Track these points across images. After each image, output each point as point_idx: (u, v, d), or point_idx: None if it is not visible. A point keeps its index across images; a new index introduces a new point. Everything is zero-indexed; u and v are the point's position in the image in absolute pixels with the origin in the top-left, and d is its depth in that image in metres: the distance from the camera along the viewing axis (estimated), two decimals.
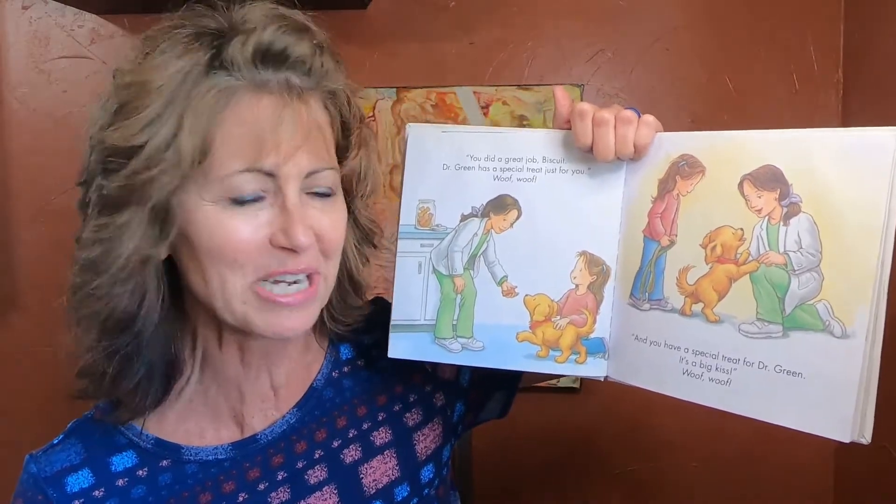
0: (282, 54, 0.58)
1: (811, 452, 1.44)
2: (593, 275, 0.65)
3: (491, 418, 0.83)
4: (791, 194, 0.56)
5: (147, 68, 0.57)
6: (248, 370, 0.68)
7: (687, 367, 0.60)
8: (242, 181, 0.57)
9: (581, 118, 0.62)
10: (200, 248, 0.58)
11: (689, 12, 1.43)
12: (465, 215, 0.68)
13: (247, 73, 0.57)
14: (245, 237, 0.57)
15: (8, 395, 1.58)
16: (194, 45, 0.57)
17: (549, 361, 0.66)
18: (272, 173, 0.57)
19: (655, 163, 0.63)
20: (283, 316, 0.61)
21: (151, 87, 0.55)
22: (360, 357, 0.76)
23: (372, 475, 0.71)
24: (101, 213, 0.58)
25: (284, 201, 0.58)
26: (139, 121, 0.55)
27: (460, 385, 0.79)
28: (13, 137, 1.56)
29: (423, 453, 0.74)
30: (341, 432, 0.71)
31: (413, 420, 0.75)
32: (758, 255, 0.58)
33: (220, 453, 0.68)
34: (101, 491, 0.65)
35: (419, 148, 0.69)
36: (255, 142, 0.56)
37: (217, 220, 0.57)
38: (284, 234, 0.58)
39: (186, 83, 0.55)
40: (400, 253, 0.69)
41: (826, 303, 0.54)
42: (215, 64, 0.57)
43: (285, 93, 0.58)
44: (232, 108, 0.56)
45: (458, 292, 0.68)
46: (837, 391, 0.54)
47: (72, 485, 0.65)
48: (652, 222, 0.63)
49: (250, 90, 0.57)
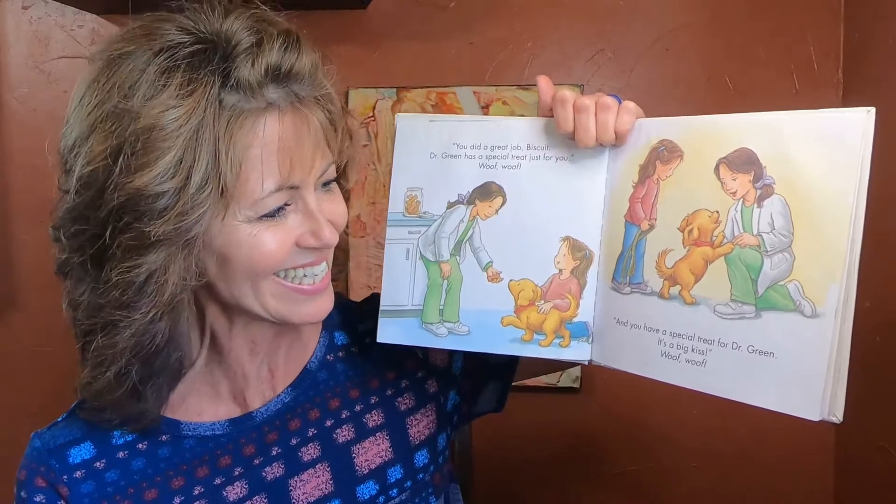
0: (290, 72, 0.59)
1: (811, 452, 1.43)
2: (576, 260, 0.66)
3: (488, 411, 0.84)
4: (765, 176, 0.57)
5: (155, 104, 0.55)
6: (255, 357, 0.70)
7: (665, 349, 0.61)
8: (274, 199, 0.59)
9: (562, 105, 0.64)
10: (236, 264, 0.60)
11: (689, 12, 1.43)
12: (451, 202, 0.69)
13: (259, 95, 0.58)
14: (277, 247, 0.60)
15: (8, 394, 1.59)
16: (198, 73, 0.56)
17: (533, 345, 0.67)
18: (297, 185, 0.60)
19: (636, 148, 0.64)
20: (313, 303, 0.65)
21: (167, 125, 0.55)
22: (355, 344, 0.78)
23: (364, 455, 0.73)
24: (129, 255, 0.57)
25: (306, 205, 0.61)
26: (167, 162, 0.55)
27: (452, 373, 0.81)
28: (13, 137, 1.57)
29: (417, 438, 0.76)
30: (334, 413, 0.73)
31: (405, 405, 0.77)
32: (732, 237, 0.58)
33: (217, 429, 0.70)
34: (103, 462, 0.67)
35: (408, 137, 0.71)
36: (282, 161, 0.58)
37: (251, 236, 0.59)
38: (313, 235, 0.62)
39: (208, 115, 0.55)
40: (388, 240, 0.71)
41: (797, 283, 0.55)
42: (227, 87, 0.57)
43: (293, 104, 0.60)
44: (253, 130, 0.58)
45: (445, 278, 0.69)
46: (807, 370, 0.54)
47: (74, 456, 0.67)
48: (633, 207, 0.64)
49: (264, 110, 0.58)
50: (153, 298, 0.58)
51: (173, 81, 0.55)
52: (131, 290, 0.58)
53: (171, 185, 0.55)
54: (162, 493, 0.67)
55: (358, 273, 1.55)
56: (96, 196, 0.57)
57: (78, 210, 0.59)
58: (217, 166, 0.55)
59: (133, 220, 0.56)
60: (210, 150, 0.55)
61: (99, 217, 0.57)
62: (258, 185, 0.58)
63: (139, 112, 0.55)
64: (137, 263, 0.57)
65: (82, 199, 0.58)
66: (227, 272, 0.61)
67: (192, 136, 0.55)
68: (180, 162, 0.55)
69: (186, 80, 0.55)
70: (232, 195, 0.57)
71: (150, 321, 0.59)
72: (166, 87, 0.55)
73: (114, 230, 0.57)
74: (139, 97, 0.55)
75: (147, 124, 0.55)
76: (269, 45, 0.58)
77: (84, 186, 0.57)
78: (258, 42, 0.58)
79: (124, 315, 0.59)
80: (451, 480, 0.83)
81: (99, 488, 0.66)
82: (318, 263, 0.64)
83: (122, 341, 0.60)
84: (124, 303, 0.58)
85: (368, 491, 0.72)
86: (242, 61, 0.57)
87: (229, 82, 0.56)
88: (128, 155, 0.55)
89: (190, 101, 0.55)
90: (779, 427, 1.41)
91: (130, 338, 0.60)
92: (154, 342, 0.61)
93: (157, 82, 0.56)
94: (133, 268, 0.57)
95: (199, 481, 0.68)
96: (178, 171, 0.55)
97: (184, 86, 0.55)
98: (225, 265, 0.61)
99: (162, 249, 0.57)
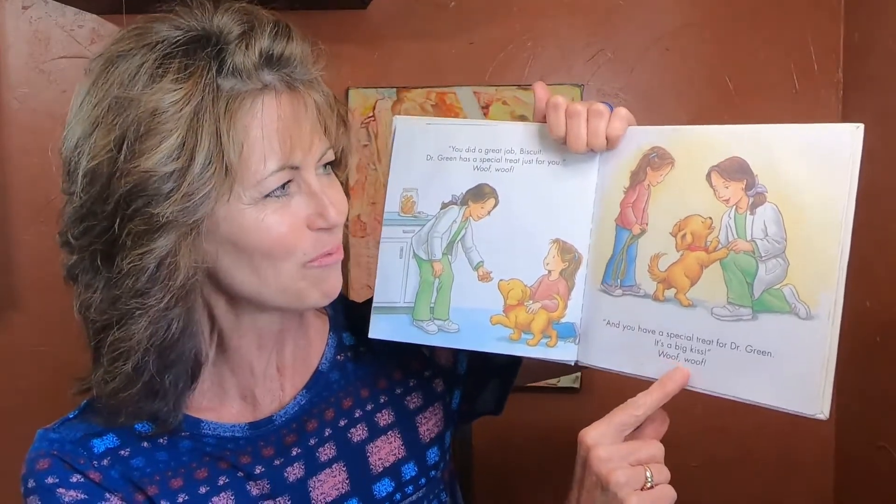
0: (282, 56, 0.61)
1: (811, 452, 1.43)
2: (565, 262, 0.68)
3: (486, 411, 0.85)
4: (757, 185, 0.59)
5: (155, 90, 0.57)
6: (262, 352, 0.71)
7: (662, 349, 0.63)
8: (276, 179, 0.60)
9: (555, 110, 0.65)
10: (250, 249, 0.61)
11: (689, 12, 1.43)
12: (445, 203, 0.71)
13: (255, 77, 0.59)
14: (288, 229, 0.61)
15: (7, 394, 1.59)
16: (194, 59, 0.58)
17: (520, 344, 0.68)
18: (297, 166, 0.61)
19: (627, 154, 0.66)
20: (329, 278, 0.66)
21: (168, 108, 0.56)
22: (362, 343, 0.78)
23: (377, 454, 0.74)
24: (139, 241, 0.58)
25: (309, 187, 0.63)
26: (171, 144, 0.56)
27: (458, 372, 0.82)
28: (13, 137, 1.57)
29: (427, 436, 0.77)
30: (347, 412, 0.74)
31: (414, 403, 0.78)
32: (727, 242, 0.60)
33: (236, 431, 0.70)
34: (127, 451, 0.67)
35: (405, 140, 0.73)
36: (283, 140, 0.60)
37: (259, 219, 0.60)
38: (320, 216, 0.63)
39: (206, 97, 0.57)
40: (383, 239, 0.72)
41: (792, 287, 0.57)
42: (223, 73, 0.58)
43: (290, 86, 0.61)
44: (252, 112, 0.59)
45: (437, 276, 0.71)
46: (804, 369, 0.57)
47: (98, 446, 0.67)
48: (624, 211, 0.66)
49: (261, 92, 0.60)
50: (166, 283, 0.59)
51: (171, 68, 0.57)
52: (144, 277, 0.58)
53: (176, 165, 0.56)
54: (187, 481, 0.67)
55: (358, 273, 1.55)
56: (103, 189, 0.58)
57: (86, 207, 0.59)
58: (220, 146, 0.57)
59: (142, 205, 0.57)
60: (211, 130, 0.57)
61: (107, 210, 0.58)
62: (261, 165, 0.59)
63: (139, 98, 0.57)
64: (149, 249, 0.57)
65: (89, 196, 0.59)
66: (244, 258, 0.62)
67: (192, 117, 0.56)
68: (183, 143, 0.56)
69: (183, 65, 0.57)
70: (236, 175, 0.58)
71: (164, 307, 0.60)
72: (164, 75, 0.57)
73: (122, 220, 0.58)
74: (139, 86, 0.57)
75: (148, 108, 0.56)
76: (261, 31, 0.60)
77: (90, 182, 0.58)
78: (250, 29, 0.60)
79: (139, 303, 0.59)
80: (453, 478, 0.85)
81: (126, 473, 0.66)
82: (334, 249, 0.66)
83: (139, 331, 0.60)
84: (138, 290, 0.59)
85: (385, 488, 0.73)
86: (236, 47, 0.59)
87: (225, 67, 0.58)
88: (131, 141, 0.56)
89: (188, 84, 0.57)
90: (779, 427, 1.41)
91: (147, 327, 0.60)
92: (170, 330, 0.62)
93: (156, 71, 0.57)
94: (144, 254, 0.58)
95: (223, 472, 0.68)
96: (182, 152, 0.56)
97: (181, 70, 0.57)
98: (240, 255, 0.61)
99: (171, 232, 0.58)
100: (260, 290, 0.63)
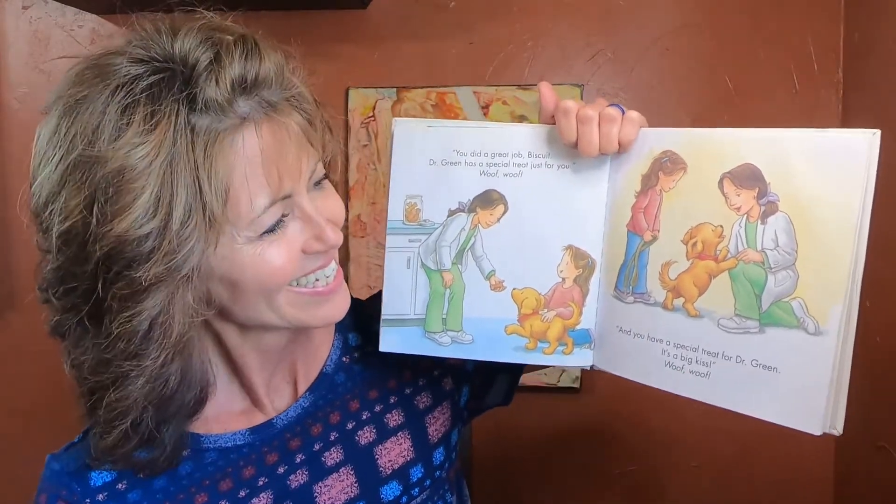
0: (256, 80, 0.57)
1: (811, 452, 1.44)
2: (579, 268, 0.66)
3: (496, 404, 0.85)
4: (769, 193, 0.57)
5: (121, 145, 0.52)
6: (267, 363, 0.70)
7: (669, 359, 0.62)
8: (270, 215, 0.58)
9: (566, 115, 0.63)
10: (247, 285, 0.59)
11: (689, 12, 1.43)
12: (452, 210, 0.69)
13: (230, 111, 0.55)
14: (285, 261, 0.59)
15: (7, 394, 1.58)
16: (160, 103, 0.53)
17: (537, 353, 0.67)
18: (289, 195, 0.59)
19: (639, 158, 0.64)
20: (330, 303, 0.65)
21: (136, 164, 0.52)
22: (369, 344, 0.77)
23: (386, 456, 0.73)
24: (126, 304, 0.55)
25: (304, 211, 0.60)
26: (144, 201, 0.52)
27: (466, 370, 0.81)
28: (13, 137, 1.57)
29: (435, 436, 0.77)
30: (355, 415, 0.73)
31: (423, 403, 0.77)
32: (736, 252, 0.58)
33: (238, 439, 0.69)
34: (124, 484, 0.66)
35: (406, 143, 0.69)
36: (269, 173, 0.57)
37: (255, 255, 0.58)
38: (317, 240, 0.61)
39: (180, 143, 0.53)
40: (388, 248, 0.70)
41: (801, 300, 0.55)
42: (196, 110, 0.54)
43: (267, 113, 0.57)
44: (233, 149, 0.55)
45: (447, 287, 0.69)
46: (810, 386, 0.55)
47: (95, 479, 0.66)
48: (635, 217, 0.64)
49: (239, 126, 0.56)
50: (161, 342, 0.56)
51: (135, 118, 0.53)
52: (137, 339, 0.56)
53: (153, 224, 0.53)
54: None
55: (358, 273, 1.55)
56: (79, 251, 0.55)
57: (64, 268, 0.56)
58: (199, 195, 0.53)
59: (122, 268, 0.54)
60: (188, 180, 0.53)
61: (87, 271, 0.55)
62: (251, 205, 0.56)
63: (105, 156, 0.52)
64: (137, 311, 0.55)
65: (66, 257, 0.56)
66: (239, 295, 0.60)
67: (165, 169, 0.52)
68: (158, 199, 0.53)
69: (149, 113, 0.53)
70: (223, 221, 0.55)
71: (161, 365, 0.57)
72: (129, 125, 0.53)
73: (105, 282, 0.54)
74: (103, 141, 0.53)
75: (115, 167, 0.52)
76: (229, 58, 0.55)
77: (65, 244, 0.55)
78: (216, 57, 0.55)
79: (134, 364, 0.57)
80: (460, 476, 0.84)
81: None
82: (327, 265, 0.64)
83: (136, 391, 0.58)
84: (132, 353, 0.56)
85: (392, 492, 0.72)
86: (205, 81, 0.54)
87: (197, 106, 0.54)
88: (102, 203, 0.53)
89: (156, 135, 0.52)
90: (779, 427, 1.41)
91: (144, 385, 0.58)
92: (168, 385, 0.60)
93: (120, 122, 0.53)
94: (133, 316, 0.55)
95: (223, 495, 0.67)
96: (158, 209, 0.53)
97: (147, 119, 0.53)
98: (235, 289, 0.60)
99: (159, 291, 0.55)
100: (261, 318, 0.62)
